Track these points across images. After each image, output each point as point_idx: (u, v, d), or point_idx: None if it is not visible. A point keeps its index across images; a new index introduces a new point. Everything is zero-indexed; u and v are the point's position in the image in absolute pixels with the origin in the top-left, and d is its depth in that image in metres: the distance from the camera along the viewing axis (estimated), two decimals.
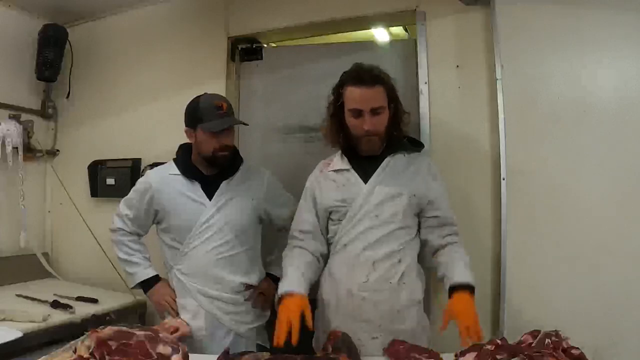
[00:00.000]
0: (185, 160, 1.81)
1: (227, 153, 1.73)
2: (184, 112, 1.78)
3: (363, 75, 1.53)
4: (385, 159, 1.60)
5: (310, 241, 1.64)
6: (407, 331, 1.54)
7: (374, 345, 1.51)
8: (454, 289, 1.44)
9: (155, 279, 1.83)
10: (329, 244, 1.66)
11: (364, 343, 1.50)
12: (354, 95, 1.53)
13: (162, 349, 1.26)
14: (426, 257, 1.63)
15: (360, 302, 1.53)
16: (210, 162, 1.75)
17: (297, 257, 1.60)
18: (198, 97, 1.75)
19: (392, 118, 1.59)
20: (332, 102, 1.62)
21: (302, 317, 1.39)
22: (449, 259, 1.54)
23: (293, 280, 1.50)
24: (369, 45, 2.39)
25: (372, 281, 1.53)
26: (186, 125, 1.76)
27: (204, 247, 1.73)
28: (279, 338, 1.35)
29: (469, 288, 1.43)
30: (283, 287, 1.47)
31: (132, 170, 2.60)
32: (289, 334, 1.35)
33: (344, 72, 1.59)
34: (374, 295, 1.52)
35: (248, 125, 1.83)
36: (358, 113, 1.54)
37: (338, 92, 1.59)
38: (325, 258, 1.66)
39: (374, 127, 1.54)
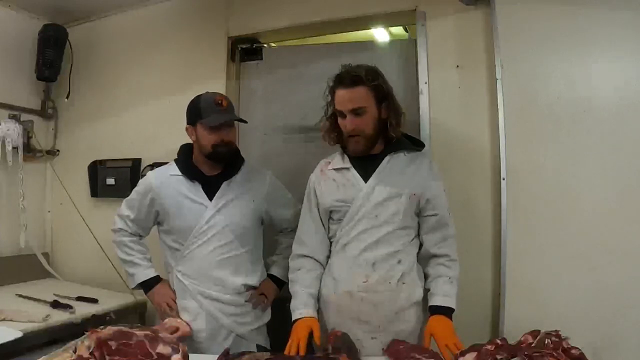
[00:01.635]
0: (186, 160, 1.81)
1: (227, 149, 1.73)
2: (184, 112, 1.78)
3: (344, 76, 1.55)
4: (385, 158, 1.60)
5: (316, 247, 1.64)
6: (407, 331, 1.54)
7: (374, 345, 1.52)
8: (434, 310, 1.49)
9: (156, 280, 1.83)
10: (331, 243, 1.66)
11: (364, 343, 1.51)
12: (337, 96, 1.56)
13: (162, 349, 1.26)
14: (422, 260, 1.63)
15: (360, 303, 1.53)
16: (210, 158, 1.75)
17: (305, 273, 1.62)
18: (199, 95, 1.75)
19: (386, 118, 1.58)
20: (328, 103, 1.64)
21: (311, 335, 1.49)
22: (436, 274, 1.56)
23: (303, 303, 1.56)
24: (369, 45, 2.38)
25: (371, 282, 1.53)
26: (187, 123, 1.76)
27: (205, 248, 1.73)
28: (287, 349, 1.43)
29: (448, 310, 1.49)
30: (294, 314, 1.55)
31: (132, 170, 2.60)
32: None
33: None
34: (373, 296, 1.52)
35: (247, 122, 1.83)
36: (340, 114, 1.56)
37: (330, 93, 1.60)
38: None
39: (356, 127, 1.54)
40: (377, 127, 1.58)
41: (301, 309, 1.55)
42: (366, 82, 1.53)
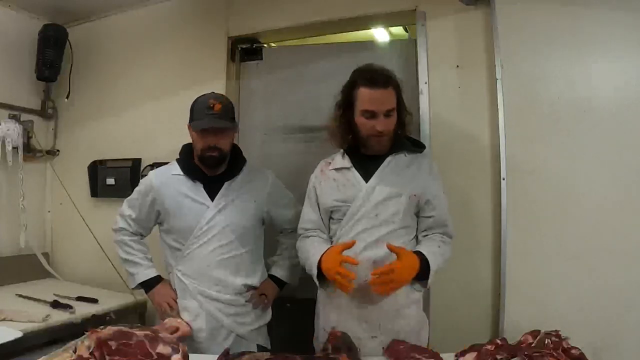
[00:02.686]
0: (188, 160, 1.80)
1: (216, 154, 1.70)
2: (184, 111, 1.77)
3: (377, 76, 1.53)
4: (387, 159, 1.60)
5: (317, 232, 1.67)
6: (406, 331, 1.54)
7: (373, 344, 1.51)
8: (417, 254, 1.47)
9: (157, 280, 1.82)
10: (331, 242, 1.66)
11: (363, 342, 1.50)
12: (368, 96, 1.53)
13: (162, 349, 1.26)
14: None
15: (360, 302, 1.53)
16: (200, 162, 1.75)
17: (314, 240, 1.63)
18: (203, 94, 1.75)
19: (399, 118, 1.59)
20: (342, 101, 1.61)
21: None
22: (427, 242, 1.56)
23: (319, 250, 1.53)
24: (369, 45, 2.39)
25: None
26: (188, 122, 1.77)
27: (206, 248, 1.73)
28: (346, 287, 1.41)
29: (424, 263, 1.45)
30: (315, 259, 1.52)
31: (132, 170, 2.60)
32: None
33: (356, 71, 1.59)
34: (373, 295, 1.52)
35: (235, 128, 1.80)
36: (371, 114, 1.54)
37: (349, 91, 1.58)
38: None
39: (387, 128, 1.55)
40: (395, 127, 1.59)
41: (317, 253, 1.52)
42: (394, 83, 1.54)
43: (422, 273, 1.45)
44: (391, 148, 1.62)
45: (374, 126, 1.53)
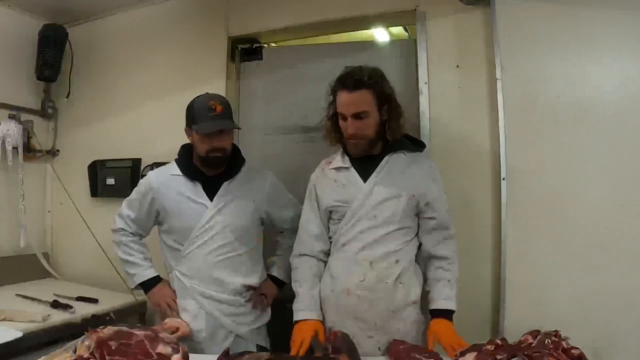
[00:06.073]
0: (187, 160, 1.80)
1: (221, 155, 1.71)
2: (184, 111, 1.77)
3: (347, 79, 1.53)
4: (384, 159, 1.60)
5: (315, 243, 1.66)
6: (403, 331, 1.54)
7: (369, 343, 1.52)
8: (436, 313, 1.51)
9: (156, 280, 1.82)
10: (331, 242, 1.66)
11: (359, 341, 1.50)
12: (339, 99, 1.55)
13: (162, 349, 1.26)
14: (421, 260, 1.63)
15: (357, 301, 1.54)
16: (204, 163, 1.75)
17: (307, 271, 1.64)
18: (197, 97, 1.75)
19: (386, 120, 1.58)
20: (330, 103, 1.63)
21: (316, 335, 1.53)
22: (436, 277, 1.57)
23: (306, 304, 1.58)
24: (369, 45, 2.39)
25: (368, 281, 1.53)
26: (185, 125, 1.76)
27: (205, 248, 1.73)
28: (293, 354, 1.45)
29: (449, 312, 1.52)
30: (297, 315, 1.57)
31: (132, 170, 2.60)
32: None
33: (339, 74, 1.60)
34: (370, 295, 1.53)
35: (240, 129, 1.81)
36: (343, 117, 1.56)
37: (333, 94, 1.60)
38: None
39: (358, 131, 1.54)
40: (378, 129, 1.58)
41: (305, 311, 1.56)
42: (368, 85, 1.52)
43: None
44: (390, 147, 1.61)
45: (347, 128, 1.55)
